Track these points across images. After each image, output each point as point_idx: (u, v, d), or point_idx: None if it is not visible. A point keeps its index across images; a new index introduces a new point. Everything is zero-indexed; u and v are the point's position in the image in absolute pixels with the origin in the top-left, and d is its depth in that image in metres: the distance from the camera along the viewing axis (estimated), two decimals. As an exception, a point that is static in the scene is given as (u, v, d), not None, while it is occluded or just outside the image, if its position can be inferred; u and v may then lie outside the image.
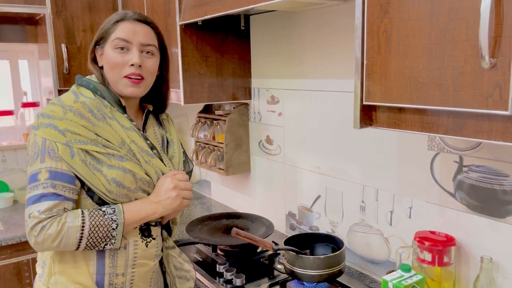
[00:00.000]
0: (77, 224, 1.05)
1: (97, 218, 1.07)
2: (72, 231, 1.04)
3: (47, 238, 1.03)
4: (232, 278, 1.51)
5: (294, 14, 1.75)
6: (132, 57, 1.15)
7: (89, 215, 1.07)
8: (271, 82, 1.93)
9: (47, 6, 2.23)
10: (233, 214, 1.97)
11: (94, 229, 1.06)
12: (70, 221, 1.04)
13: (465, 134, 0.86)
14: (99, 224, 1.07)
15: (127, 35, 1.16)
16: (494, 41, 0.77)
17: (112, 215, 1.09)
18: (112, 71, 1.17)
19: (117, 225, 1.08)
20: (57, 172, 1.06)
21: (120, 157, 1.11)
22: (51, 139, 1.06)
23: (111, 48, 1.16)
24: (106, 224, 1.07)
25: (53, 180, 1.05)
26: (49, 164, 1.06)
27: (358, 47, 1.01)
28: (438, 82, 0.86)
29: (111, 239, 1.09)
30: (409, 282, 1.14)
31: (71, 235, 1.04)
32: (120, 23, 1.17)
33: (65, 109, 1.09)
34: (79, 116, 1.09)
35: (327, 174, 1.70)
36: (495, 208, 1.17)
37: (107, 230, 1.08)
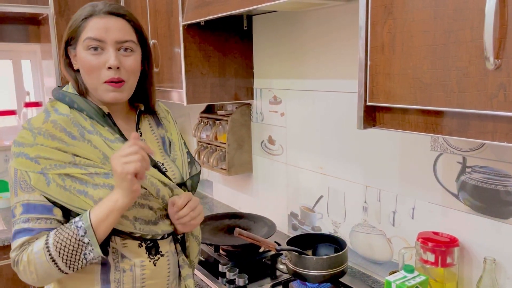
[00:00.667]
0: (41, 246, 0.94)
1: (62, 231, 0.95)
2: (39, 255, 0.94)
3: (24, 271, 0.96)
4: (234, 278, 1.51)
5: (296, 14, 1.75)
6: (107, 58, 1.01)
7: (54, 232, 0.96)
8: (273, 82, 1.93)
9: (50, 6, 2.23)
10: (235, 214, 1.97)
11: (60, 244, 0.94)
12: (35, 246, 0.95)
13: (469, 135, 0.86)
14: (64, 237, 0.94)
15: (98, 34, 1.01)
16: (498, 42, 0.77)
17: (78, 222, 0.96)
18: (89, 76, 1.03)
19: (85, 230, 0.95)
20: (30, 205, 0.97)
21: (105, 174, 0.99)
22: (22, 169, 0.97)
23: (83, 49, 1.02)
24: (72, 233, 0.95)
25: (26, 214, 0.96)
26: (21, 197, 0.97)
27: (361, 48, 1.01)
28: (442, 83, 0.86)
29: (86, 246, 0.95)
30: (412, 283, 1.14)
31: (41, 260, 0.94)
32: (90, 20, 1.02)
33: (34, 133, 0.98)
34: (50, 138, 0.98)
35: (330, 175, 1.70)
36: (498, 209, 1.17)
37: (76, 240, 0.94)
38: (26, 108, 2.69)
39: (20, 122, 2.69)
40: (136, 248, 1.05)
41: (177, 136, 1.24)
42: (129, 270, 1.04)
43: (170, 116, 1.27)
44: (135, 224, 1.03)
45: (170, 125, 1.24)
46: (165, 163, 1.14)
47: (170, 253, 1.12)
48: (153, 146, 1.15)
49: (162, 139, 1.19)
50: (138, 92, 1.14)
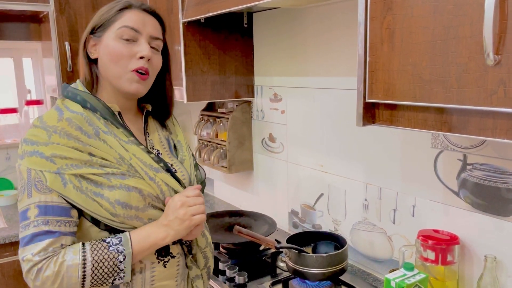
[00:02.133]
0: (77, 262, 0.92)
1: (101, 251, 0.94)
2: (72, 270, 0.92)
3: (46, 281, 0.92)
4: (234, 276, 1.51)
5: (297, 11, 1.74)
6: (141, 49, 1.02)
7: (91, 249, 0.94)
8: (274, 80, 1.92)
9: (51, 4, 2.23)
10: (236, 212, 1.97)
11: (98, 264, 0.93)
12: (69, 259, 0.92)
13: (469, 132, 0.85)
14: (103, 259, 0.93)
15: (136, 24, 1.03)
16: (498, 37, 0.76)
17: (118, 245, 0.95)
18: (116, 64, 1.02)
19: (125, 256, 0.95)
20: (48, 206, 0.93)
21: (122, 175, 0.98)
22: (37, 169, 0.94)
23: (114, 37, 1.02)
24: (112, 257, 0.94)
25: (45, 216, 0.93)
26: (37, 199, 0.93)
27: (361, 44, 1.00)
28: (441, 79, 0.86)
29: (119, 273, 0.95)
30: (412, 280, 1.13)
31: (72, 275, 0.92)
32: (127, 11, 1.04)
33: (49, 131, 0.95)
34: (66, 137, 0.95)
35: (330, 172, 1.69)
36: (499, 207, 1.16)
37: (114, 264, 0.94)
38: (27, 106, 2.70)
39: (21, 120, 2.69)
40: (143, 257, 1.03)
41: (184, 138, 1.24)
42: (139, 273, 1.03)
43: (174, 118, 1.26)
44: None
45: (175, 127, 1.25)
46: (174, 164, 1.13)
47: (180, 256, 1.11)
48: (159, 147, 1.14)
49: (167, 141, 1.18)
50: (148, 94, 1.13)
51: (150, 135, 1.14)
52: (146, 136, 1.13)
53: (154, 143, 1.14)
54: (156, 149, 1.13)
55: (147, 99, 1.16)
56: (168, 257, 1.08)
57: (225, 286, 1.50)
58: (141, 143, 1.06)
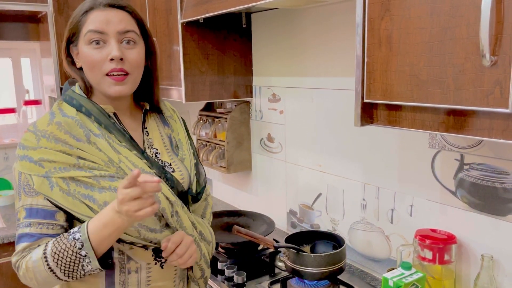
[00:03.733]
0: (39, 256, 0.93)
1: (61, 242, 0.94)
2: (38, 264, 0.93)
3: (24, 278, 0.97)
4: (233, 276, 1.52)
5: (295, 12, 1.75)
6: (110, 50, 0.98)
7: (53, 242, 0.94)
8: (272, 80, 1.93)
9: (49, 4, 2.23)
10: (234, 212, 1.97)
11: (57, 255, 0.93)
12: (34, 255, 0.94)
13: (465, 132, 0.86)
14: (61, 249, 0.93)
15: (99, 25, 0.98)
16: (494, 39, 0.77)
17: (75, 233, 0.94)
18: (92, 71, 1.00)
19: (82, 243, 0.92)
20: (32, 209, 0.96)
21: (110, 177, 0.98)
22: (26, 172, 0.96)
23: (84, 44, 0.99)
24: (69, 245, 0.93)
25: (29, 219, 0.96)
26: (25, 201, 0.96)
27: (359, 45, 1.01)
28: (438, 79, 0.86)
29: (83, 259, 0.93)
30: (409, 279, 1.14)
31: (40, 268, 0.94)
32: (90, 13, 0.99)
33: (38, 135, 0.97)
34: (53, 141, 0.96)
35: (328, 172, 1.70)
36: (496, 206, 1.17)
37: (73, 252, 0.93)
38: (26, 106, 2.70)
39: (19, 120, 2.69)
40: (143, 251, 1.03)
41: (185, 136, 1.21)
42: (135, 272, 1.03)
43: (177, 115, 1.24)
44: (140, 231, 1.00)
45: (177, 124, 1.21)
46: (173, 163, 1.11)
47: None
48: (159, 145, 1.12)
49: (169, 138, 1.16)
50: (144, 90, 1.12)
51: (149, 134, 1.12)
52: (144, 135, 1.11)
53: (154, 142, 1.12)
54: (154, 148, 1.11)
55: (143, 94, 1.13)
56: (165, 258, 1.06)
57: (223, 286, 1.51)
58: (136, 147, 1.04)
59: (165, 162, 1.11)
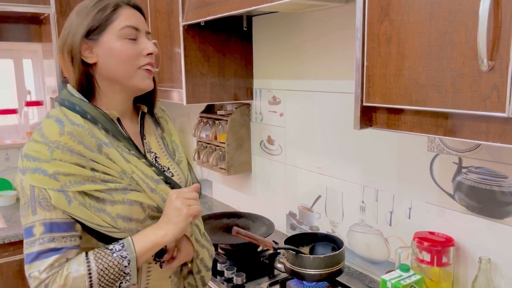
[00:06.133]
0: (83, 273, 0.92)
1: (105, 259, 0.94)
2: (78, 281, 0.91)
3: None
4: (232, 277, 1.52)
5: (296, 15, 1.76)
6: (146, 46, 1.03)
7: (94, 258, 0.94)
8: (272, 83, 1.94)
9: (52, 5, 2.25)
10: (234, 214, 1.98)
11: (103, 272, 0.93)
12: (74, 270, 0.92)
13: (463, 136, 0.87)
14: (108, 266, 0.94)
15: (136, 23, 1.02)
16: (492, 44, 0.78)
17: (122, 251, 0.96)
18: (126, 65, 1.01)
19: (129, 261, 0.95)
20: (53, 224, 0.93)
21: (124, 190, 0.98)
22: (40, 186, 0.92)
23: (117, 38, 1.00)
24: (116, 263, 0.94)
25: (50, 233, 0.93)
26: (42, 216, 0.93)
27: (358, 49, 1.02)
28: (437, 84, 0.87)
29: (125, 276, 0.96)
30: (407, 281, 1.15)
31: (78, 286, 0.92)
32: (121, 9, 1.01)
33: (51, 146, 0.93)
34: (69, 153, 0.93)
35: (328, 175, 1.71)
36: (493, 209, 1.18)
37: (119, 269, 0.94)
38: (27, 107, 2.71)
39: (21, 121, 2.71)
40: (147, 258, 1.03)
41: (178, 138, 1.22)
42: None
43: (167, 115, 1.24)
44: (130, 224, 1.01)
45: (169, 125, 1.22)
46: (171, 167, 1.12)
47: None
48: (157, 149, 1.13)
49: (162, 140, 1.17)
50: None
51: (146, 138, 1.12)
52: (142, 140, 1.11)
53: (151, 146, 1.12)
54: (153, 152, 1.12)
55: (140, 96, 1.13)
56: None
57: (223, 287, 1.52)
58: (143, 155, 1.06)
59: (164, 167, 1.11)
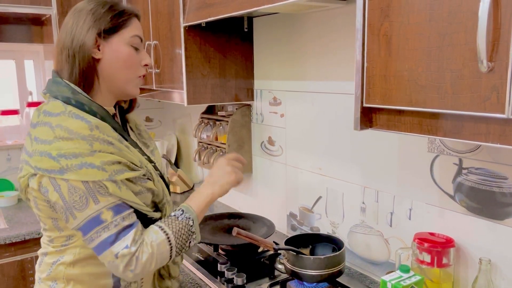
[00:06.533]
0: (163, 238, 1.04)
1: (174, 224, 1.07)
2: (162, 246, 1.04)
3: (145, 265, 1.01)
4: (233, 278, 1.53)
5: (296, 16, 1.77)
6: (145, 57, 1.13)
7: (166, 225, 1.07)
8: (273, 84, 1.95)
9: (53, 7, 2.25)
10: (235, 214, 1.98)
11: (177, 234, 1.07)
12: (155, 238, 1.03)
13: (463, 137, 0.87)
14: (179, 228, 1.07)
15: (141, 34, 1.13)
16: (492, 45, 0.78)
17: (184, 214, 1.10)
18: (128, 70, 1.09)
19: (193, 220, 1.10)
20: (118, 206, 1.01)
21: (142, 178, 1.09)
22: (93, 180, 0.97)
23: (126, 44, 1.08)
24: (185, 224, 1.08)
25: (120, 214, 1.00)
26: (105, 203, 0.99)
27: (358, 50, 1.02)
28: (437, 85, 0.88)
29: (192, 235, 1.10)
30: (407, 282, 1.15)
31: (162, 250, 1.04)
32: (133, 19, 1.10)
33: (89, 140, 0.97)
34: (106, 144, 1.00)
35: (328, 175, 1.71)
36: (494, 210, 1.18)
37: (188, 230, 1.09)
38: (29, 108, 2.71)
39: (22, 121, 2.71)
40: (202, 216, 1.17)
41: (144, 127, 1.32)
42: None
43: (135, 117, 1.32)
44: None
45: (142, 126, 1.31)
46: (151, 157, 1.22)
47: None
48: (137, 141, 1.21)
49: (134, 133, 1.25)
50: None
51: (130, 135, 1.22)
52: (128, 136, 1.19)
53: (133, 139, 1.21)
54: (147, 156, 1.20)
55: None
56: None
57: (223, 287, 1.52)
58: (145, 153, 1.17)
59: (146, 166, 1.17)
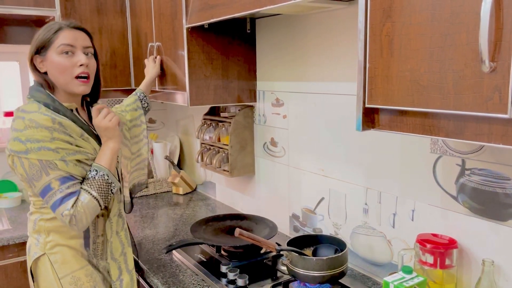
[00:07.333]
0: (89, 198, 1.32)
1: (94, 183, 1.34)
2: (90, 203, 1.31)
3: (81, 220, 1.30)
4: (235, 279, 1.53)
5: (299, 17, 1.77)
6: (79, 58, 1.36)
7: (88, 187, 1.33)
8: (276, 85, 1.95)
9: (57, 8, 2.26)
10: (237, 215, 1.98)
11: (99, 190, 1.34)
12: (83, 199, 1.30)
13: (465, 137, 0.87)
14: (99, 185, 1.34)
15: (70, 40, 1.35)
16: (494, 45, 0.78)
17: (99, 173, 1.35)
18: (62, 74, 1.35)
19: (107, 175, 1.36)
20: (64, 177, 1.30)
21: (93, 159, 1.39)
22: (47, 159, 1.27)
23: (56, 54, 1.35)
24: (102, 180, 1.35)
25: (66, 183, 1.30)
26: (54, 175, 1.29)
27: (361, 51, 1.02)
28: (439, 85, 0.88)
29: (110, 185, 1.37)
30: (410, 283, 1.15)
31: (92, 205, 1.32)
32: (61, 31, 1.35)
33: (50, 130, 1.28)
34: (64, 134, 1.31)
35: (331, 177, 1.71)
36: (497, 211, 1.18)
37: (106, 183, 1.36)
38: (32, 109, 2.72)
39: (26, 123, 2.72)
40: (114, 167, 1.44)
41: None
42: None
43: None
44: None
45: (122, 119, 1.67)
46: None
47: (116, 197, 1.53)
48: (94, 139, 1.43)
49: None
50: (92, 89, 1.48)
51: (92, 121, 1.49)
52: (91, 122, 1.47)
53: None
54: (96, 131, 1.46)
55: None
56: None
57: (226, 288, 1.52)
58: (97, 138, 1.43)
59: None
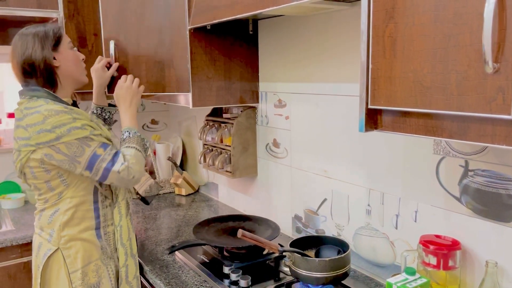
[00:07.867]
0: (134, 150, 1.52)
1: (132, 141, 1.54)
2: (137, 155, 1.52)
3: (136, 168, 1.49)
4: (238, 280, 1.52)
5: (301, 18, 1.77)
6: (80, 54, 1.60)
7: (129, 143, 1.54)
8: (278, 86, 1.95)
9: (60, 10, 2.27)
10: (240, 216, 1.98)
11: (138, 144, 1.54)
12: (130, 153, 1.50)
13: (469, 138, 0.87)
14: (137, 142, 1.54)
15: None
16: (497, 46, 0.78)
17: (131, 132, 1.57)
18: (77, 66, 1.56)
19: (139, 133, 1.58)
20: (104, 144, 1.47)
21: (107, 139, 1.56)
22: (80, 137, 1.41)
23: (69, 48, 1.54)
24: (137, 137, 1.56)
25: (108, 148, 1.47)
26: (95, 145, 1.44)
27: (363, 52, 1.02)
28: (442, 86, 0.87)
29: (143, 140, 1.59)
30: (413, 285, 1.14)
31: (137, 155, 1.52)
32: (62, 29, 1.54)
33: (68, 112, 1.41)
34: (81, 115, 1.44)
35: (334, 178, 1.71)
36: (500, 213, 1.17)
37: (141, 140, 1.57)
38: (35, 110, 2.73)
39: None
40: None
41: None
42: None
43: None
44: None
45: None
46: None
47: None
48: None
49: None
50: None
51: None
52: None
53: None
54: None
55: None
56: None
57: (228, 290, 1.52)
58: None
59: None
